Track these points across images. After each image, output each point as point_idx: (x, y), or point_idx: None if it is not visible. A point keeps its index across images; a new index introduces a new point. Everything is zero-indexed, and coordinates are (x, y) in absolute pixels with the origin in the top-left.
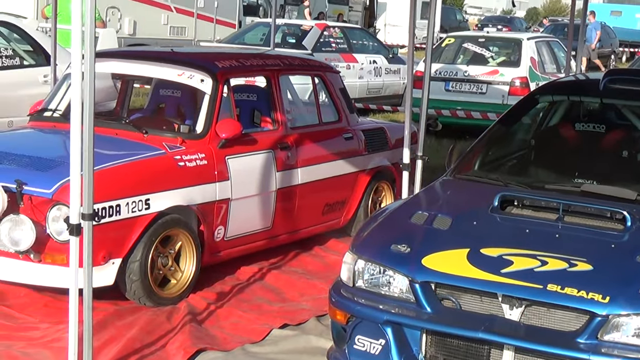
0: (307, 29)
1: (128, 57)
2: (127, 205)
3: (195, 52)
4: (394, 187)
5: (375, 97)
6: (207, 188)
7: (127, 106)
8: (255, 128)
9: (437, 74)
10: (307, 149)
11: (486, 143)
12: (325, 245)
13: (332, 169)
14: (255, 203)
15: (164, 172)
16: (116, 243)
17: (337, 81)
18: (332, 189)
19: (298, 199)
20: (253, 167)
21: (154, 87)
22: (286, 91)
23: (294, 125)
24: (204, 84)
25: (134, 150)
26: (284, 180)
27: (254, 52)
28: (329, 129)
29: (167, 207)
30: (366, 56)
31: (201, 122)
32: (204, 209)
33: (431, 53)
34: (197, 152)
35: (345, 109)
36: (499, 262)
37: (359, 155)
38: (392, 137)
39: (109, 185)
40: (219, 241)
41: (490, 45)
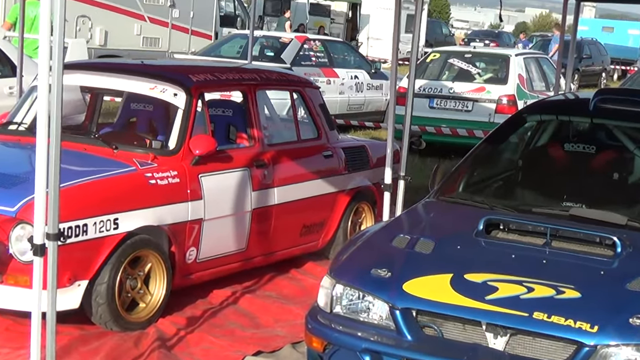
0: (286, 42)
1: (98, 69)
2: (95, 224)
3: (168, 65)
4: (375, 208)
5: (357, 114)
6: (179, 207)
7: (96, 120)
8: (230, 145)
9: (421, 91)
10: (285, 168)
11: (471, 163)
12: (303, 269)
13: (310, 189)
14: (229, 224)
15: (134, 190)
16: (82, 264)
17: (316, 97)
18: (310, 209)
19: (274, 220)
20: (227, 186)
21: (125, 100)
22: (263, 107)
23: (271, 142)
24: (177, 98)
25: (103, 166)
26: (259, 200)
27: (230, 65)
28: (308, 146)
29: (136, 227)
30: (347, 71)
31: (174, 137)
32: (175, 229)
33: (415, 68)
34: (169, 169)
35: (325, 125)
36: (483, 288)
37: (339, 175)
38: (374, 155)
39: (75, 203)
40: (190, 263)
41: (477, 61)
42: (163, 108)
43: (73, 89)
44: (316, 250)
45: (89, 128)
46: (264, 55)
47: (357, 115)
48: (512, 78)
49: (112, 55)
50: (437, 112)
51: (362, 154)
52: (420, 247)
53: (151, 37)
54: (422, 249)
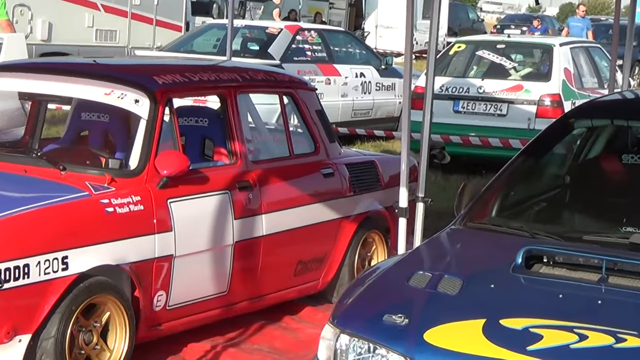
0: (274, 33)
1: (40, 71)
2: (39, 265)
3: (128, 65)
4: (388, 238)
5: (364, 121)
6: (144, 242)
7: (38, 135)
8: (206, 162)
9: (443, 91)
10: (274, 190)
11: (507, 181)
12: (298, 316)
13: (306, 216)
14: (206, 261)
15: (87, 220)
16: (24, 314)
17: (312, 101)
18: (307, 241)
19: (262, 256)
20: (203, 214)
21: (74, 109)
22: (246, 114)
23: (256, 159)
24: (139, 105)
25: (48, 192)
26: (243, 231)
27: (205, 63)
28: (303, 163)
29: (90, 267)
30: (351, 67)
31: (136, 155)
32: (139, 269)
33: (435, 63)
34: (130, 194)
35: (324, 136)
36: (524, 336)
37: (342, 197)
38: (385, 172)
39: (14, 238)
40: (159, 310)
41: (513, 53)
42: (121, 118)
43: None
44: (315, 292)
45: (30, 144)
46: (246, 50)
47: (364, 122)
48: (557, 73)
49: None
50: (463, 118)
51: (370, 171)
52: (444, 287)
53: (106, 30)
54: (446, 289)
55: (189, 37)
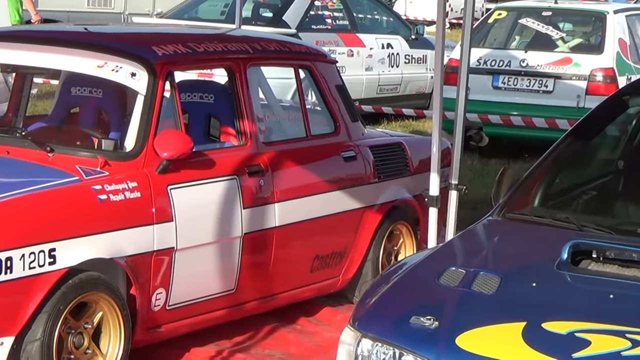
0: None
1: (25, 40)
2: (22, 258)
3: (123, 33)
4: (417, 230)
5: (391, 98)
6: (141, 233)
7: (23, 111)
8: (211, 144)
9: (481, 64)
10: (289, 175)
11: (552, 166)
12: (315, 317)
13: (325, 205)
14: (211, 255)
15: (78, 209)
16: (6, 314)
17: (332, 75)
18: (326, 234)
19: (275, 249)
20: (208, 202)
21: (63, 84)
22: (257, 90)
23: (268, 140)
24: (136, 79)
25: (33, 176)
26: (253, 221)
27: (211, 32)
28: (321, 144)
29: (81, 260)
30: (377, 37)
31: (132, 135)
32: (135, 263)
33: (471, 33)
34: (126, 179)
35: (345, 115)
36: (569, 342)
37: (366, 184)
38: (415, 156)
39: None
40: (158, 311)
41: (560, 21)
42: (116, 94)
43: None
44: (334, 291)
45: (13, 123)
46: (258, 17)
47: (391, 99)
48: (610, 44)
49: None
50: (503, 95)
51: (397, 155)
52: (479, 285)
53: None
54: (482, 288)
55: (194, 2)
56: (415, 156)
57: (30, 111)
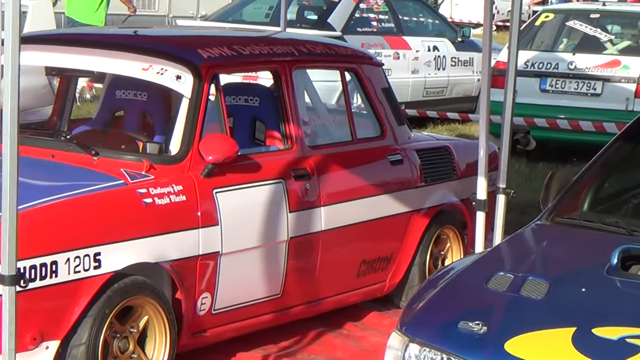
0: (335, 0)
1: (70, 43)
2: (68, 262)
3: (168, 36)
4: (464, 235)
5: (437, 101)
6: (186, 237)
7: (67, 115)
8: (257, 147)
9: (528, 67)
10: (335, 179)
11: (601, 170)
12: (362, 322)
13: (371, 209)
14: (256, 259)
15: (123, 213)
16: (52, 318)
17: (378, 78)
18: (372, 238)
19: (321, 254)
20: (254, 206)
21: (108, 87)
22: (303, 93)
23: (314, 144)
24: (182, 82)
25: (78, 180)
26: (299, 225)
27: (256, 34)
28: (367, 148)
29: (126, 264)
30: (423, 40)
31: (177, 138)
32: (181, 267)
33: (518, 35)
34: (171, 183)
35: (391, 118)
36: (620, 348)
37: (412, 188)
38: (461, 160)
39: (40, 232)
40: (203, 315)
41: (609, 24)
42: (161, 97)
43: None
44: (381, 295)
45: (58, 126)
46: (303, 20)
47: (438, 103)
48: None
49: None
50: (551, 98)
51: (444, 159)
52: (528, 290)
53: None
54: (531, 293)
55: (238, 4)
56: (462, 160)
57: (74, 114)
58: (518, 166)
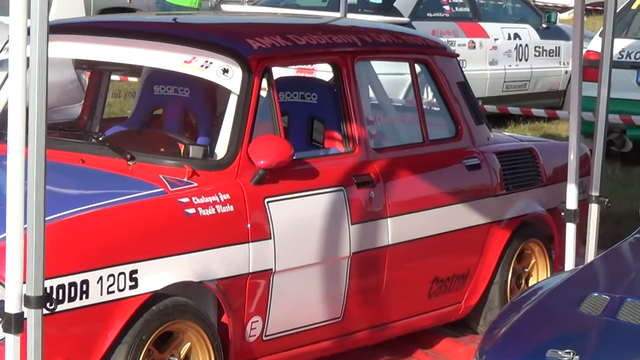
0: None
1: (101, 32)
2: (100, 281)
3: (213, 24)
4: (551, 249)
5: (519, 96)
6: (235, 252)
7: (99, 114)
8: (314, 150)
9: (623, 57)
10: (403, 186)
11: None
12: (434, 349)
13: (445, 220)
14: (314, 278)
15: (162, 225)
16: (83, 344)
17: (453, 70)
18: (446, 253)
19: (387, 271)
20: (311, 217)
21: (145, 82)
22: (367, 88)
23: (380, 146)
24: (229, 77)
25: (112, 187)
26: (363, 239)
27: (313, 22)
28: (441, 151)
29: (166, 284)
30: (502, 26)
31: (224, 140)
32: (228, 287)
33: (614, 21)
34: (217, 191)
35: (468, 117)
36: None
37: (492, 196)
38: (548, 164)
39: (69, 248)
40: (253, 341)
41: None
42: (206, 93)
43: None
44: (456, 319)
45: (88, 127)
46: (365, 5)
47: (520, 98)
48: None
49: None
50: None
51: (528, 163)
52: (626, 314)
53: None
54: (630, 317)
55: None
56: (549, 164)
57: (107, 113)
58: (612, 171)
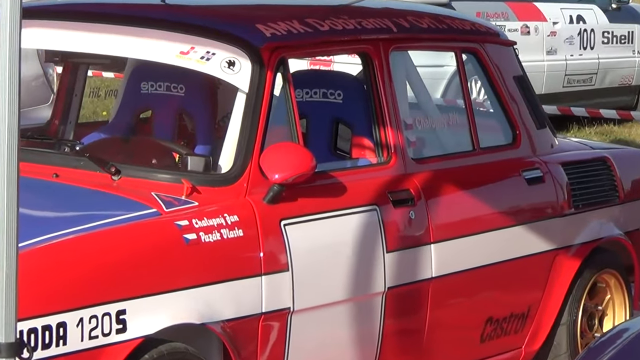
0: None
1: (76, 17)
2: (81, 324)
3: (216, 6)
4: (630, 282)
5: (582, 92)
6: (244, 288)
7: (74, 118)
8: (340, 161)
9: None
10: (450, 205)
11: None
12: None
13: (500, 247)
14: (341, 319)
15: (155, 255)
16: None
17: (509, 62)
18: (501, 287)
19: (430, 311)
20: (337, 244)
21: (131, 78)
22: (405, 84)
23: (420, 156)
24: (235, 71)
25: (93, 208)
26: (401, 271)
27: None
28: (495, 161)
29: (161, 327)
30: (563, 7)
31: (229, 149)
32: (236, 330)
33: None
34: (222, 212)
35: (527, 119)
36: None
37: (557, 217)
38: (625, 177)
39: (41, 283)
40: None
41: None
42: (206, 92)
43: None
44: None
45: (61, 133)
46: None
47: (583, 95)
48: None
49: None
50: None
51: (602, 175)
52: None
53: None
54: None
55: None
56: (627, 176)
57: (84, 116)
58: None
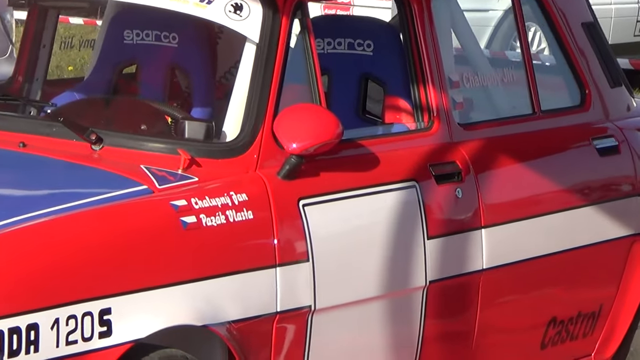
0: None
1: None
2: (57, 325)
3: None
4: None
5: None
6: (255, 282)
7: (42, 74)
8: (371, 127)
9: None
10: (504, 181)
11: None
12: None
13: (565, 232)
14: (372, 320)
15: (147, 241)
16: None
17: (576, 5)
18: (567, 282)
19: (481, 308)
20: (367, 229)
21: (111, 25)
22: (450, 33)
23: (469, 120)
24: (243, 16)
25: (70, 185)
26: (445, 261)
27: None
28: (559, 127)
29: (154, 330)
30: None
31: (236, 113)
32: (246, 334)
33: None
34: (227, 189)
35: (599, 76)
36: None
37: (636, 195)
38: None
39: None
40: None
41: None
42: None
43: None
44: None
45: (26, 93)
46: None
47: None
48: None
49: None
50: None
51: None
52: None
53: None
54: None
55: None
56: None
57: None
58: None
